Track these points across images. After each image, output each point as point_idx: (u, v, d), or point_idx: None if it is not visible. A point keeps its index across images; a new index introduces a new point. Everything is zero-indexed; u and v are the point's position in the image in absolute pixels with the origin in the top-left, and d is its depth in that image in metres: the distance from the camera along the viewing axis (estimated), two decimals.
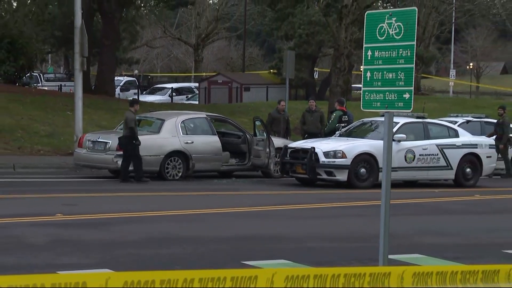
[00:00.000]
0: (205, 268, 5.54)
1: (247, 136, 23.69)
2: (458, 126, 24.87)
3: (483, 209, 18.87)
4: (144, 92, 51.89)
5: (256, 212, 16.67)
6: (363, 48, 7.80)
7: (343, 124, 23.94)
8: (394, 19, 7.46)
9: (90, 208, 16.19)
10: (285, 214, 16.64)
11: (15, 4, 48.18)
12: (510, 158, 25.85)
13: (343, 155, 21.34)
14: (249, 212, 16.67)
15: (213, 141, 22.91)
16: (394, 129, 20.17)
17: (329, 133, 23.91)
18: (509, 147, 25.38)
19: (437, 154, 22.46)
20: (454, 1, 58.22)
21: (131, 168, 21.44)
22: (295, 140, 24.05)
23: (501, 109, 25.81)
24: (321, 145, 21.81)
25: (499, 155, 24.66)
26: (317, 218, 16.46)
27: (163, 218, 15.52)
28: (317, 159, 21.38)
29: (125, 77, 61.13)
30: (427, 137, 22.66)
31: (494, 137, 25.07)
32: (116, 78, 48.27)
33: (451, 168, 22.69)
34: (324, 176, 21.50)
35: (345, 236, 14.06)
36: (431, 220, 16.65)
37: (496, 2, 53.78)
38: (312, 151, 21.44)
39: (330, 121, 24.79)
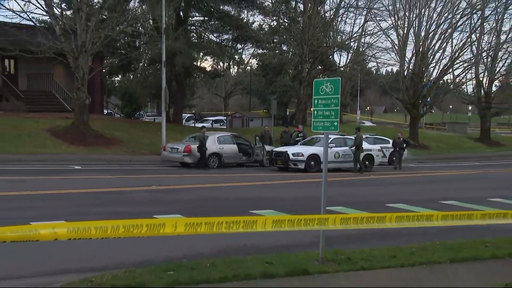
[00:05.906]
0: (228, 215, 5.40)
1: (251, 144, 23.56)
2: None
3: (375, 183, 18.70)
4: (197, 122, 51.57)
5: (256, 184, 16.53)
6: (313, 98, 7.67)
7: (300, 138, 23.92)
8: (328, 83, 7.32)
9: (169, 182, 16.08)
10: (271, 185, 16.50)
11: (131, 76, 48.33)
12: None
13: (302, 155, 21.24)
14: (253, 184, 16.53)
15: (234, 147, 22.79)
16: (329, 141, 20.11)
17: (293, 144, 23.80)
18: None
19: (350, 154, 22.34)
20: (359, 75, 58.39)
21: (191, 161, 21.34)
22: (277, 147, 23.89)
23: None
24: (291, 150, 21.70)
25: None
26: (288, 187, 16.32)
27: (207, 188, 15.38)
28: (288, 157, 21.28)
29: (188, 114, 60.88)
30: (345, 145, 22.54)
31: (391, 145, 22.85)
32: (183, 114, 47.98)
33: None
34: (292, 166, 21.36)
35: (303, 197, 13.92)
36: (347, 189, 16.51)
37: (380, 76, 54.30)
38: (286, 153, 21.35)
39: (292, 137, 24.74)
